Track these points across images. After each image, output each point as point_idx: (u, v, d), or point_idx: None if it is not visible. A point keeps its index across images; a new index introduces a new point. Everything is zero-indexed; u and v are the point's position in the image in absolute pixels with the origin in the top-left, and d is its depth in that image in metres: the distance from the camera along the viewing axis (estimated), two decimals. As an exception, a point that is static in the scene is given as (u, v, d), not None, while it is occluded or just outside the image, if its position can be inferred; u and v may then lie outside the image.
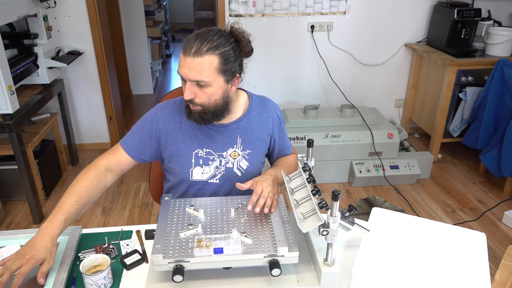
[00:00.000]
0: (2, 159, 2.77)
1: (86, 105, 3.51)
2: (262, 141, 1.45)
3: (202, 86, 1.23)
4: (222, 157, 1.40)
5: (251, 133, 1.42)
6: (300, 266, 1.15)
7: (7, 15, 2.41)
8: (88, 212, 2.79)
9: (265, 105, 1.47)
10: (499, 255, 2.35)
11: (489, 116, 2.92)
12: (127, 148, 1.37)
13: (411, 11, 3.42)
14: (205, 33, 1.22)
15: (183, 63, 1.21)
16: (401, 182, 3.08)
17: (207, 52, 1.19)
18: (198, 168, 1.40)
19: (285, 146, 1.54)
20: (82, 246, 1.30)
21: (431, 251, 1.12)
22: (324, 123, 3.09)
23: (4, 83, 2.29)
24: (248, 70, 1.45)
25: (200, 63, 1.19)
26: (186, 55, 1.20)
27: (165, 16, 6.65)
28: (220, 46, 1.21)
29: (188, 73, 1.21)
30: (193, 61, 1.19)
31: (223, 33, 1.25)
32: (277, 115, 1.49)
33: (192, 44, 1.20)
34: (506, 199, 2.89)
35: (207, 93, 1.25)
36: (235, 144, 1.41)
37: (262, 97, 1.50)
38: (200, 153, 1.39)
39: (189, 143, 1.38)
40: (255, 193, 1.24)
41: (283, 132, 1.52)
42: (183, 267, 1.05)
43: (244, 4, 3.26)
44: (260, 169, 1.50)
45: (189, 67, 1.20)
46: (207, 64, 1.20)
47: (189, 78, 1.22)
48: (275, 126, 1.47)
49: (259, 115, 1.44)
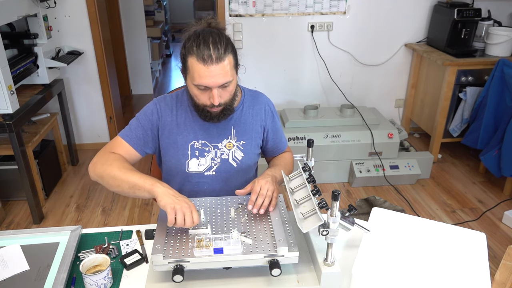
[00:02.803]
0: (2, 159, 2.77)
1: (86, 105, 3.51)
2: (256, 132, 1.47)
3: (226, 87, 1.27)
4: (218, 148, 1.43)
5: (244, 124, 1.45)
6: (300, 266, 1.15)
7: (7, 15, 2.41)
8: (88, 212, 2.80)
9: (257, 97, 1.51)
10: (499, 255, 2.35)
11: (489, 116, 2.92)
12: (129, 140, 1.38)
13: (411, 11, 3.42)
14: (211, 37, 1.24)
15: (207, 72, 1.22)
16: (401, 182, 3.08)
17: (225, 54, 1.23)
18: (194, 160, 1.42)
19: (280, 141, 1.56)
20: (82, 246, 1.30)
21: (431, 251, 1.12)
22: (324, 123, 3.09)
23: (4, 83, 2.29)
24: (248, 70, 1.47)
25: (223, 66, 1.23)
26: (208, 64, 1.21)
27: (165, 16, 6.65)
28: (228, 44, 1.26)
29: (216, 80, 1.23)
30: (217, 67, 1.22)
31: (218, 31, 1.28)
32: (270, 108, 1.51)
33: (209, 52, 1.21)
34: (506, 199, 2.89)
35: (229, 90, 1.30)
36: (229, 135, 1.44)
37: (254, 91, 1.54)
38: (196, 144, 1.42)
39: (185, 135, 1.42)
40: (254, 192, 1.25)
41: (276, 126, 1.53)
42: (183, 267, 1.05)
43: (244, 4, 3.26)
44: (255, 161, 1.51)
45: (216, 74, 1.22)
46: (229, 65, 1.24)
47: (218, 84, 1.24)
48: (268, 118, 1.50)
49: (251, 107, 1.47)
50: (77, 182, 3.17)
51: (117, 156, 1.33)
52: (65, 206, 2.87)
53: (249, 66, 3.47)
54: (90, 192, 3.02)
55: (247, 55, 3.42)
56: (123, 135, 1.39)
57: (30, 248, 1.27)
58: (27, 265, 1.21)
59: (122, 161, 1.31)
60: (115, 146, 1.37)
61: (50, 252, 1.25)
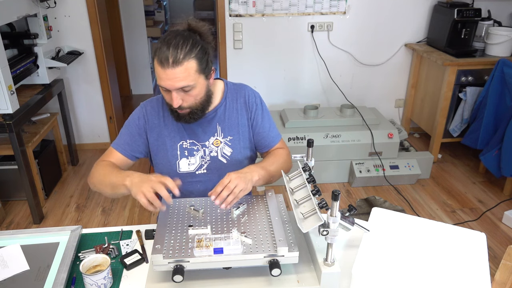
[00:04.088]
0: (2, 159, 2.77)
1: (86, 105, 3.51)
2: (243, 125, 1.46)
3: (187, 91, 1.26)
4: (205, 147, 1.44)
5: (229, 119, 1.45)
6: (300, 266, 1.15)
7: (7, 15, 2.41)
8: (88, 212, 2.80)
9: (240, 90, 1.48)
10: (499, 255, 2.35)
11: (489, 116, 2.92)
12: (117, 147, 1.43)
13: (411, 11, 3.42)
14: (174, 39, 1.22)
15: (164, 75, 1.22)
16: (401, 182, 3.08)
17: (184, 58, 1.21)
18: (184, 160, 1.43)
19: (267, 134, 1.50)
20: (82, 246, 1.30)
21: (431, 251, 1.12)
22: (324, 123, 3.09)
23: (4, 83, 2.29)
24: (248, 70, 1.47)
25: (181, 71, 1.21)
26: (165, 67, 1.21)
27: (165, 16, 6.65)
28: (193, 49, 1.23)
29: (173, 83, 1.23)
30: (174, 71, 1.21)
31: (188, 34, 1.26)
32: (254, 100, 1.47)
33: (167, 54, 1.20)
34: (506, 199, 2.89)
35: (193, 95, 1.28)
36: (215, 133, 1.44)
37: (238, 84, 1.51)
38: (184, 144, 1.43)
39: (173, 135, 1.43)
40: (221, 183, 1.21)
41: (264, 118, 1.48)
42: (183, 267, 1.05)
43: (244, 4, 3.26)
44: (246, 155, 1.49)
45: (172, 77, 1.22)
46: (188, 70, 1.22)
47: (174, 87, 1.24)
48: (253, 111, 1.47)
49: (235, 101, 1.46)
50: (77, 182, 3.17)
51: (106, 163, 1.38)
52: (65, 206, 2.87)
53: (249, 66, 3.47)
54: (90, 192, 3.02)
55: (247, 55, 3.42)
56: (113, 144, 1.44)
57: (30, 248, 1.27)
58: (27, 265, 1.21)
59: (107, 165, 1.35)
60: (107, 155, 1.43)
61: (50, 252, 1.25)
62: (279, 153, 1.49)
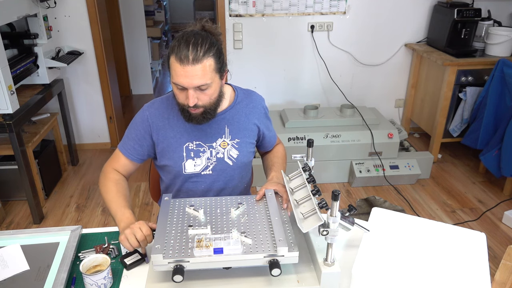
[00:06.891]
0: (2, 159, 2.77)
1: (86, 105, 3.51)
2: (250, 130, 1.49)
3: (203, 90, 1.27)
4: (212, 148, 1.44)
5: (238, 122, 1.46)
6: (300, 266, 1.15)
7: (7, 15, 2.41)
8: (88, 212, 2.80)
9: (251, 96, 1.53)
10: (499, 255, 2.35)
11: (489, 116, 2.92)
12: (125, 151, 1.45)
13: (411, 11, 3.42)
14: (193, 38, 1.24)
15: (182, 72, 1.22)
16: (401, 182, 3.08)
17: (203, 56, 1.22)
18: (190, 161, 1.44)
19: (273, 136, 1.62)
20: (82, 246, 1.30)
21: (431, 251, 1.12)
22: (324, 123, 3.09)
23: (4, 83, 2.29)
24: (248, 70, 1.48)
25: (200, 68, 1.22)
26: (184, 64, 1.21)
27: (165, 16, 6.65)
28: (212, 47, 1.25)
29: (191, 80, 1.23)
30: (193, 68, 1.22)
31: (206, 34, 1.28)
32: (262, 106, 1.54)
33: (187, 52, 1.21)
34: (506, 199, 2.89)
35: (208, 94, 1.29)
36: (223, 134, 1.45)
37: (247, 90, 1.55)
38: (190, 146, 1.43)
39: (179, 137, 1.43)
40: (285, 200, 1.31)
41: (269, 122, 1.58)
42: (183, 267, 1.05)
43: (244, 4, 3.25)
44: (250, 158, 1.53)
45: (191, 74, 1.22)
46: (206, 68, 1.23)
47: (192, 85, 1.24)
48: (261, 116, 1.52)
49: (245, 106, 1.49)
50: (77, 182, 3.17)
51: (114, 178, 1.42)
52: (65, 206, 2.87)
53: (249, 66, 3.47)
54: (90, 192, 3.02)
55: (247, 55, 3.42)
56: (120, 147, 1.46)
57: (30, 248, 1.27)
58: (27, 265, 1.21)
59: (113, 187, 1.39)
60: (115, 160, 1.46)
61: (50, 252, 1.25)
62: (280, 152, 1.62)
